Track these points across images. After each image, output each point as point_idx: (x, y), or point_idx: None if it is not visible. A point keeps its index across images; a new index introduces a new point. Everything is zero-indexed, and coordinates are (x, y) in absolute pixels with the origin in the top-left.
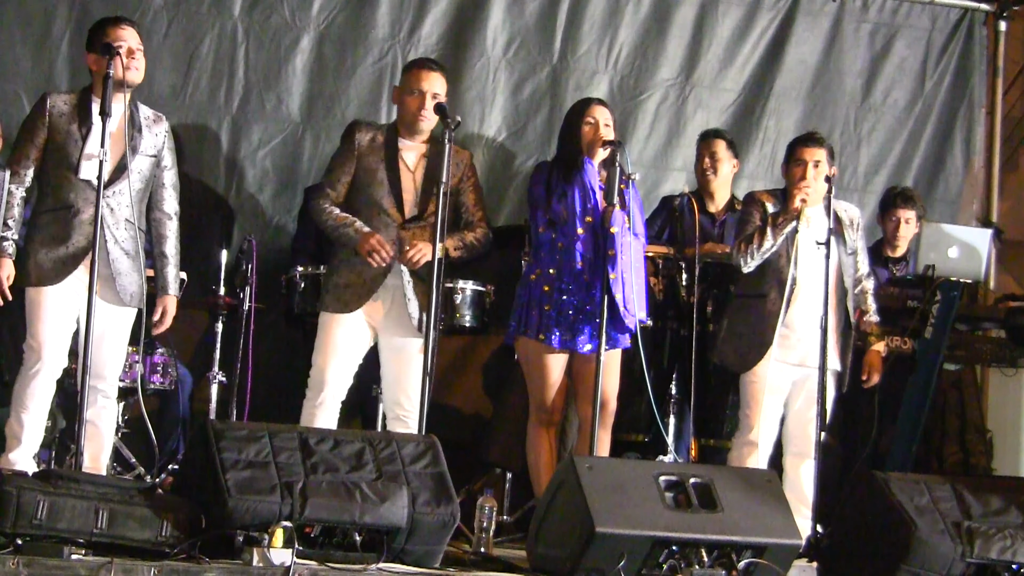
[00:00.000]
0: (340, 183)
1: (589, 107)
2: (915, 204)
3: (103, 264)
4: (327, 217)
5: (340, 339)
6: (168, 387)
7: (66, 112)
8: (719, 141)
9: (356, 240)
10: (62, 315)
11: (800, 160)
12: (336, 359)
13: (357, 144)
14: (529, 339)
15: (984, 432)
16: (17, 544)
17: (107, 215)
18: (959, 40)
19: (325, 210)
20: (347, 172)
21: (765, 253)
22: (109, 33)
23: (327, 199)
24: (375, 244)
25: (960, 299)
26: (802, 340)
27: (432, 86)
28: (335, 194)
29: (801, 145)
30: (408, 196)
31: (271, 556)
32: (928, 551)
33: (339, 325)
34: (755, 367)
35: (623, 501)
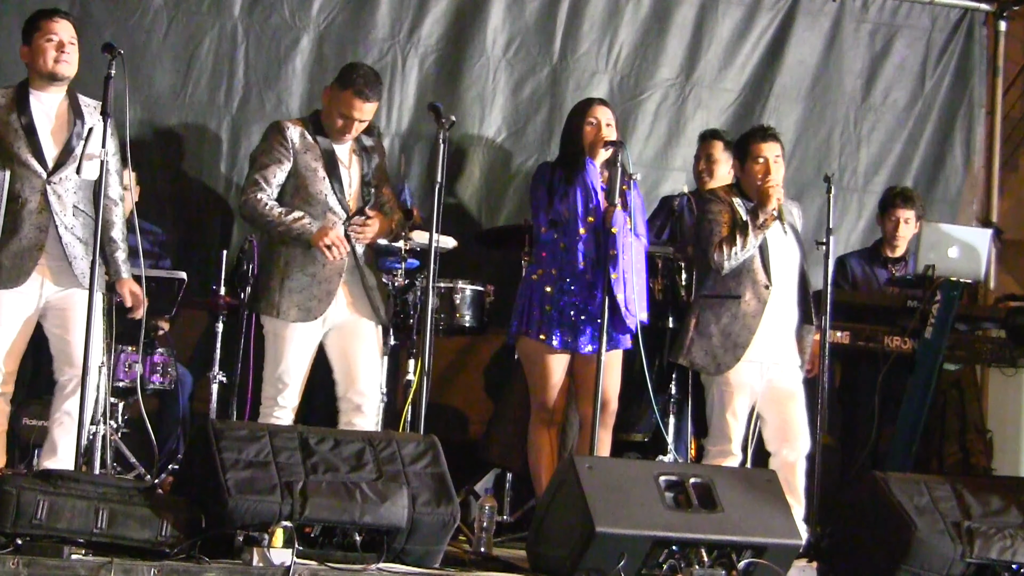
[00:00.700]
0: (274, 179)
1: (591, 107)
2: (915, 204)
3: (57, 255)
4: (268, 212)
5: (297, 349)
6: (168, 387)
7: (3, 104)
8: (716, 143)
9: (310, 233)
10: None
11: (760, 157)
12: (296, 368)
13: (290, 141)
14: (530, 339)
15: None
16: (17, 544)
17: (55, 202)
18: (959, 40)
19: (263, 204)
20: (281, 168)
21: (747, 254)
22: (43, 26)
23: (262, 192)
24: (335, 238)
25: (960, 299)
26: (773, 338)
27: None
28: (270, 189)
29: (758, 141)
30: (350, 192)
31: (271, 556)
32: (928, 551)
33: (295, 332)
34: (730, 370)
35: (623, 501)
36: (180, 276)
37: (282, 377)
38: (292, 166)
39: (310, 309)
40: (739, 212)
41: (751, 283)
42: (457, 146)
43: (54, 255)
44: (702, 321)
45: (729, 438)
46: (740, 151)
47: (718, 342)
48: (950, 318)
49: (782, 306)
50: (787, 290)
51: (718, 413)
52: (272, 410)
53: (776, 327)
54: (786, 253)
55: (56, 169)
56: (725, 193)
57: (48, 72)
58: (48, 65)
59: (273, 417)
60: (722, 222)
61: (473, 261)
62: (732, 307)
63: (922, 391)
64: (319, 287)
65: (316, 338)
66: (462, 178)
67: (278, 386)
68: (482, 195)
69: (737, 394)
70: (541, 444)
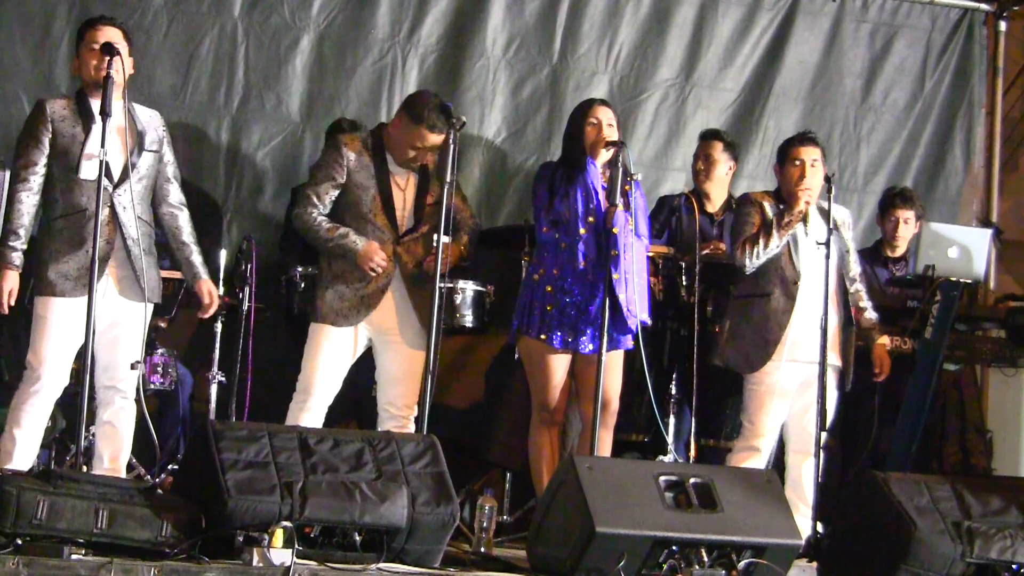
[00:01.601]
0: (327, 196)
1: (592, 107)
2: (914, 204)
3: (122, 264)
4: (317, 227)
5: (331, 350)
6: (168, 387)
7: (67, 116)
8: (716, 143)
9: (356, 251)
10: (70, 331)
11: (797, 160)
12: (326, 368)
13: (346, 159)
14: (531, 339)
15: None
16: (17, 544)
17: (121, 214)
18: (959, 40)
19: (315, 220)
20: (335, 186)
21: (770, 254)
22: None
23: (314, 208)
24: (378, 261)
25: (960, 299)
26: (806, 339)
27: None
28: (321, 206)
29: (797, 145)
30: (400, 212)
31: (271, 556)
32: (928, 551)
33: (330, 336)
34: (762, 368)
35: (623, 501)
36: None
37: (310, 378)
38: (345, 183)
39: (346, 316)
40: (768, 214)
41: (779, 280)
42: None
43: (120, 265)
44: (735, 322)
45: (758, 435)
46: (780, 155)
47: (750, 341)
48: (950, 318)
49: (811, 306)
50: (817, 290)
51: (750, 412)
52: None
53: (809, 326)
54: (818, 254)
55: (121, 181)
56: (760, 196)
57: (92, 80)
58: (91, 73)
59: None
60: (751, 223)
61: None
62: (762, 305)
63: (922, 391)
64: (361, 301)
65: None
66: (462, 178)
67: (307, 385)
68: (482, 195)
69: (771, 396)
70: (541, 444)
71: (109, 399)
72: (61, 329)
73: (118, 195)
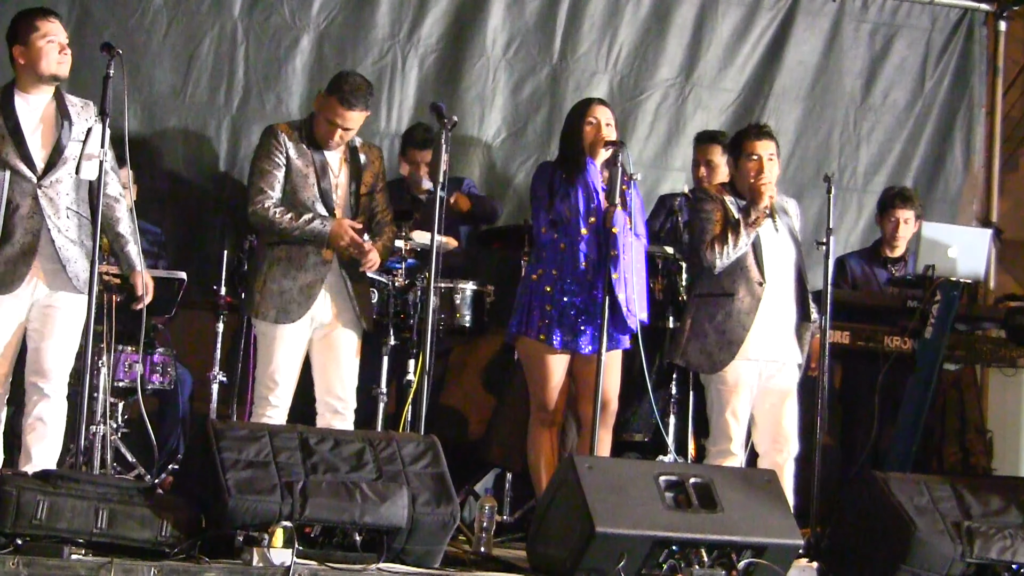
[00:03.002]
0: (278, 185)
1: (590, 107)
2: (914, 204)
3: (50, 257)
4: (280, 219)
5: (286, 350)
6: (168, 387)
7: None
8: (715, 147)
9: (326, 233)
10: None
11: (755, 155)
12: (285, 371)
13: (284, 145)
14: (530, 339)
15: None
16: (17, 544)
17: (46, 205)
18: (959, 40)
19: (272, 212)
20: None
21: (739, 252)
22: (41, 27)
23: (267, 199)
24: (351, 239)
25: (960, 299)
26: (768, 338)
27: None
28: (273, 193)
29: (753, 139)
30: (337, 198)
31: (271, 556)
32: (928, 551)
33: (282, 335)
34: (726, 368)
35: (623, 501)
36: (180, 276)
37: (272, 376)
38: (285, 171)
39: (288, 312)
40: (731, 210)
41: (745, 280)
42: (457, 146)
43: (47, 258)
44: (697, 320)
45: (729, 437)
46: (734, 148)
47: (713, 340)
48: (950, 318)
49: (778, 303)
50: (783, 287)
51: (717, 413)
52: (265, 409)
53: (772, 325)
54: (781, 250)
55: (46, 172)
56: (717, 191)
57: (51, 74)
58: (51, 67)
59: (266, 416)
60: (714, 220)
61: (473, 261)
62: (726, 305)
63: (922, 391)
64: (299, 291)
65: (305, 338)
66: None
67: (269, 385)
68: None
69: (736, 393)
70: (541, 444)
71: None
72: None
73: (43, 187)
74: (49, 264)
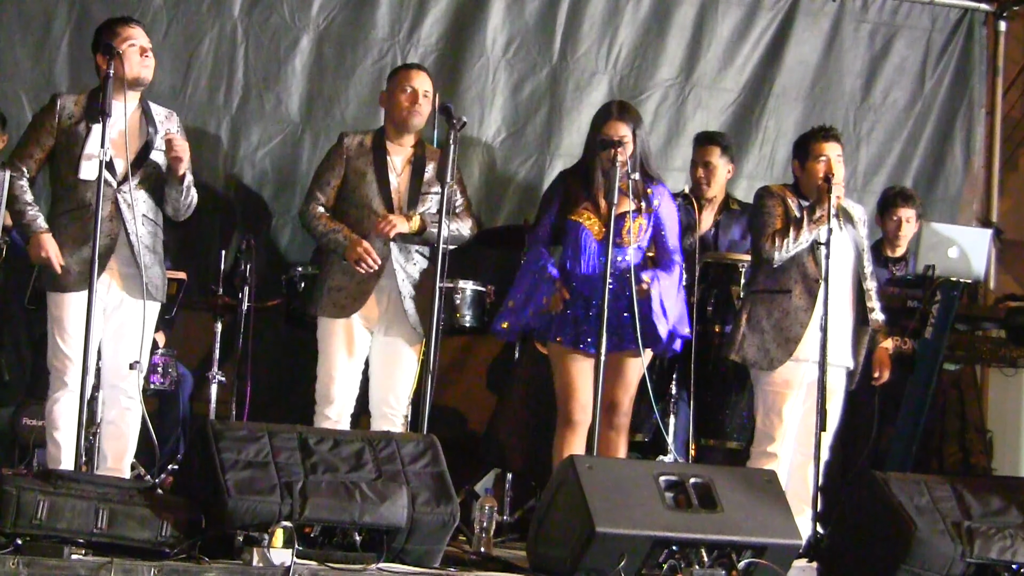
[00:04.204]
0: (329, 186)
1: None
2: (914, 202)
3: (125, 262)
4: (316, 222)
5: (343, 347)
6: (168, 387)
7: (75, 114)
8: (714, 148)
9: (344, 246)
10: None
11: (823, 156)
12: (342, 370)
13: (346, 148)
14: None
15: (984, 432)
16: (17, 544)
17: (125, 211)
18: (959, 40)
19: (315, 215)
20: (336, 175)
21: (799, 247)
22: (120, 32)
23: (316, 202)
24: (362, 252)
25: (960, 299)
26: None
27: (422, 85)
28: (324, 197)
29: (821, 140)
30: (396, 195)
31: (271, 556)
32: (928, 551)
33: (338, 332)
34: (780, 367)
35: (623, 501)
36: (180, 276)
37: (324, 375)
38: (344, 171)
39: (343, 307)
40: (792, 209)
41: (801, 277)
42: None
43: (124, 262)
44: (754, 317)
45: (773, 439)
46: (800, 151)
47: (770, 337)
48: (950, 318)
49: (836, 304)
50: (840, 290)
51: (765, 413)
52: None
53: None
54: (840, 252)
55: (125, 179)
56: (780, 190)
57: (133, 78)
58: (133, 70)
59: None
60: (776, 215)
61: (473, 261)
62: (783, 302)
63: (922, 391)
64: (356, 286)
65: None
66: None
67: (323, 383)
68: (482, 195)
69: (787, 395)
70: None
71: (113, 398)
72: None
73: (124, 192)
74: (126, 268)
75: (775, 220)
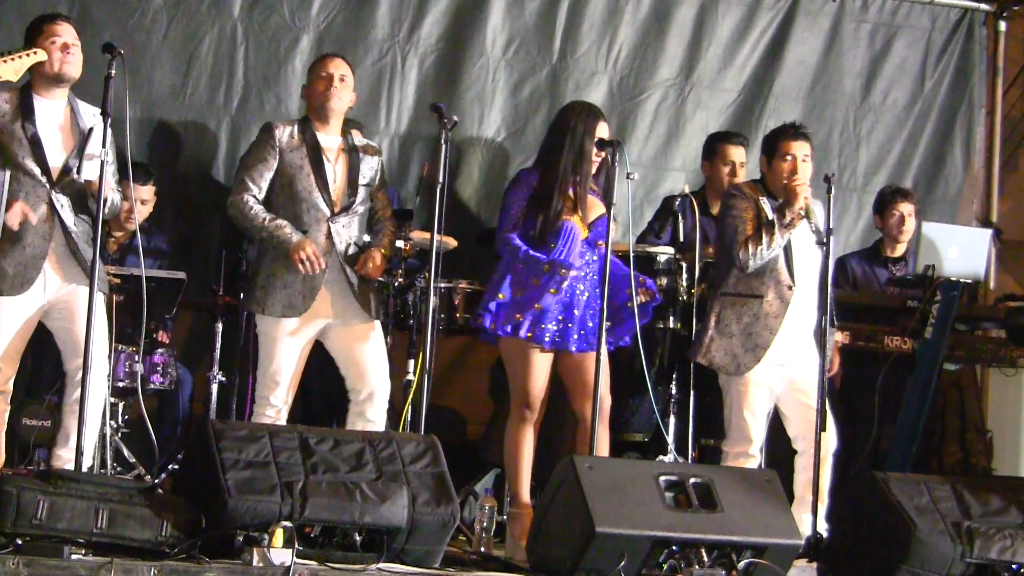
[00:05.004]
0: (262, 178)
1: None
2: (913, 198)
3: (61, 254)
4: (252, 215)
5: (290, 346)
6: (168, 387)
7: (7, 111)
8: (741, 148)
9: (289, 243)
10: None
11: (790, 155)
12: (287, 368)
13: (277, 141)
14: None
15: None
16: (17, 544)
17: (60, 211)
18: (959, 40)
19: (252, 208)
20: (269, 168)
21: (772, 253)
22: (45, 29)
23: (248, 193)
24: (311, 254)
25: (960, 299)
26: (794, 341)
27: (339, 69)
28: (256, 189)
29: (790, 139)
30: (335, 188)
31: (271, 556)
32: (928, 551)
33: (286, 330)
34: (750, 371)
35: (623, 501)
36: (180, 276)
37: (273, 375)
38: (278, 164)
39: (294, 305)
40: (764, 210)
41: (774, 283)
42: (456, 146)
43: (58, 254)
44: (723, 320)
45: (749, 439)
46: (768, 147)
47: (739, 342)
48: (950, 318)
49: (804, 307)
50: (809, 291)
51: (737, 414)
52: (264, 408)
53: (797, 328)
54: (809, 254)
55: (61, 179)
56: (751, 190)
57: (55, 74)
58: (54, 67)
59: (265, 416)
60: (747, 219)
61: (473, 261)
62: (754, 307)
63: (922, 391)
64: (303, 283)
65: (306, 336)
66: (461, 178)
67: (268, 383)
68: (481, 195)
69: (756, 394)
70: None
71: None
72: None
73: (56, 193)
74: (60, 260)
75: (746, 225)
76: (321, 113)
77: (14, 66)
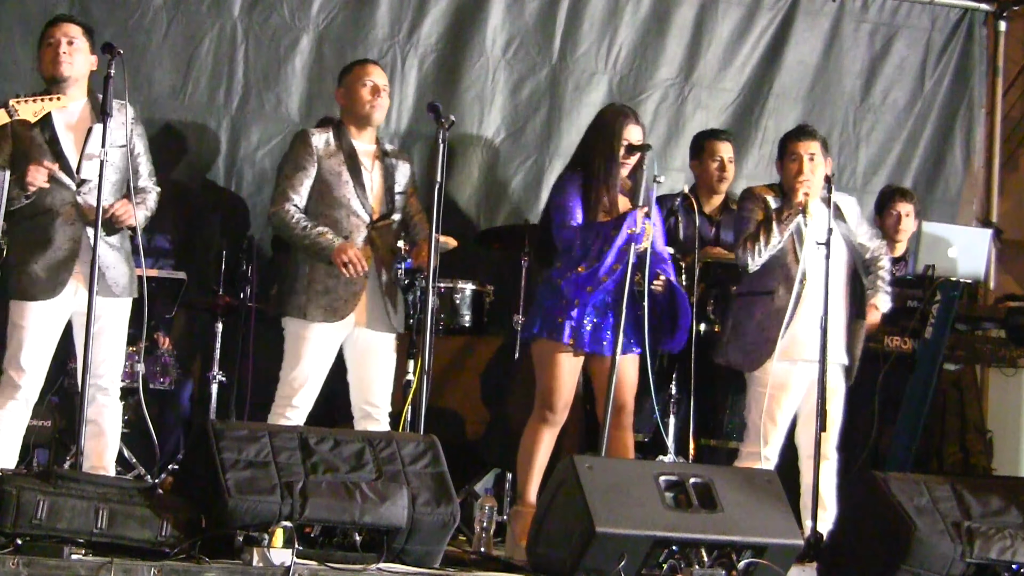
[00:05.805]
0: (303, 186)
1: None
2: (913, 198)
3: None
4: (295, 225)
5: (318, 349)
6: (168, 387)
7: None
8: (728, 144)
9: (331, 248)
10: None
11: (795, 154)
12: (317, 371)
13: (314, 148)
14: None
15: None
16: (17, 544)
17: (87, 212)
18: (959, 40)
19: (294, 217)
20: (308, 176)
21: (772, 250)
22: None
23: (290, 203)
24: (353, 256)
25: (960, 299)
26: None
27: (380, 79)
28: (298, 198)
29: (795, 139)
30: (372, 195)
31: (271, 556)
32: (928, 551)
33: (319, 334)
34: (762, 366)
35: (623, 501)
36: (180, 276)
37: (298, 378)
38: (316, 172)
39: (336, 309)
40: (771, 209)
41: (783, 278)
42: (456, 146)
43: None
44: (737, 319)
45: (766, 441)
46: (779, 150)
47: (752, 338)
48: (950, 318)
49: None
50: (834, 285)
51: (755, 414)
52: (285, 410)
53: (814, 324)
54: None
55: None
56: (762, 191)
57: (49, 75)
58: (48, 69)
59: (284, 417)
60: (753, 220)
61: (473, 261)
62: (765, 303)
63: (922, 391)
64: (346, 288)
65: (338, 341)
66: (461, 178)
67: (294, 386)
68: (481, 195)
69: (778, 397)
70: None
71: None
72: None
73: (84, 192)
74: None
75: (751, 225)
76: (363, 121)
77: (34, 108)
